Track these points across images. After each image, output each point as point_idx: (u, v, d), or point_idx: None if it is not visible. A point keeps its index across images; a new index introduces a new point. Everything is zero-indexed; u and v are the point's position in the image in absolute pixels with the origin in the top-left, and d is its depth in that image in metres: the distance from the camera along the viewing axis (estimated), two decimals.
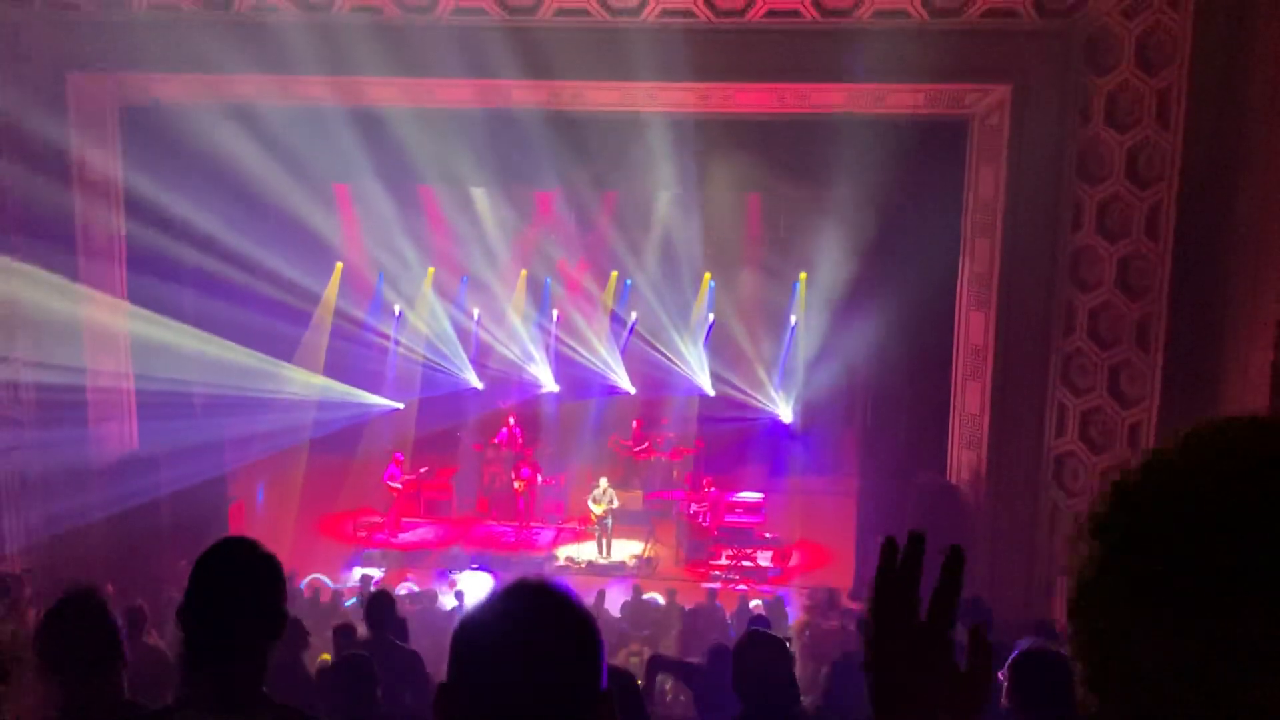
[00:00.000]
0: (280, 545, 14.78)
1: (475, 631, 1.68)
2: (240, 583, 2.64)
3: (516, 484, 17.96)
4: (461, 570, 15.88)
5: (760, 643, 4.61)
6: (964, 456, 13.10)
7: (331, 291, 18.94)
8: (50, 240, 12.72)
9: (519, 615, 1.67)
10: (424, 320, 20.07)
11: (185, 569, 2.76)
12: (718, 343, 19.98)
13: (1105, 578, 1.04)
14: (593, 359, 20.42)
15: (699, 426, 20.10)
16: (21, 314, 12.72)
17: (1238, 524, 0.95)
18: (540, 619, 1.66)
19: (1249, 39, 10.06)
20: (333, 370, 18.66)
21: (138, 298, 13.67)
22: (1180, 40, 10.48)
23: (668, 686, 9.33)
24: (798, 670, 5.49)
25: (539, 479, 18.13)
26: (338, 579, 14.92)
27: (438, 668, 6.63)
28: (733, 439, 19.70)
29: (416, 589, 14.25)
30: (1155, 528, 1.01)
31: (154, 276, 13.59)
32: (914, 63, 11.57)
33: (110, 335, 13.58)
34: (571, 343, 20.51)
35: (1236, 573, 0.94)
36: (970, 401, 13.00)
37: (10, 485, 12.74)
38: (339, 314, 19.07)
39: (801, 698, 4.77)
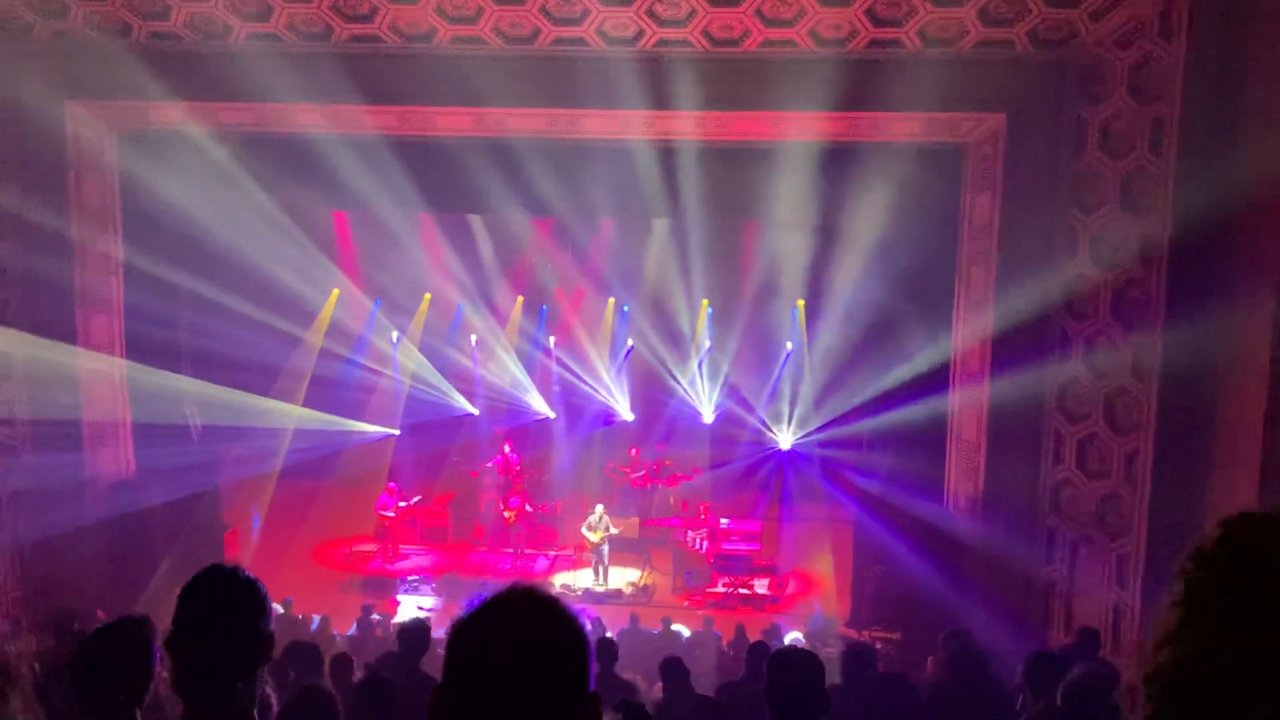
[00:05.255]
0: (275, 573, 14.80)
1: (468, 635, 1.74)
2: (225, 609, 2.67)
3: (506, 514, 17.93)
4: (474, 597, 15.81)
5: (796, 653, 4.72)
6: (961, 484, 13.09)
7: (326, 317, 18.96)
8: (48, 269, 12.78)
9: (510, 619, 1.74)
10: (419, 346, 20.10)
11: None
12: (715, 370, 20.00)
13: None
14: (589, 385, 20.43)
15: (696, 454, 20.08)
16: (16, 366, 12.79)
17: None
18: (530, 623, 1.73)
19: (1241, 68, 10.14)
20: (327, 397, 18.66)
21: (134, 327, 13.67)
22: (1173, 70, 10.55)
23: None
24: None
25: (528, 508, 18.09)
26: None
27: None
28: (730, 466, 19.70)
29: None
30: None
31: (151, 304, 13.59)
32: (910, 92, 11.65)
33: (105, 377, 13.59)
34: (568, 369, 20.53)
35: None
36: (967, 429, 13.01)
37: (3, 507, 12.75)
38: (334, 339, 19.09)
39: None
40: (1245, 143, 10.01)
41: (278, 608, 13.13)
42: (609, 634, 13.15)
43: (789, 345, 19.25)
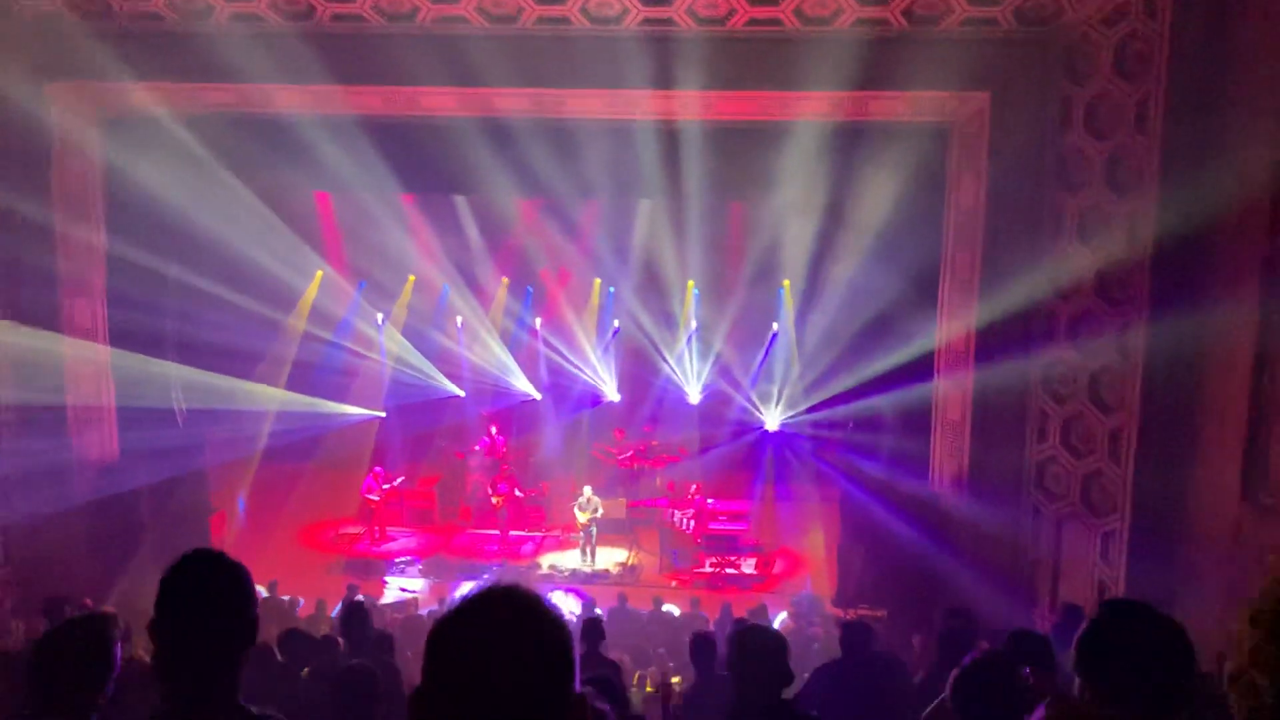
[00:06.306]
0: (260, 555, 14.78)
1: (448, 636, 1.70)
2: (209, 593, 2.65)
3: (494, 499, 17.93)
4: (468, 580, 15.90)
5: (759, 630, 4.81)
6: (946, 463, 13.13)
7: (309, 299, 18.88)
8: (30, 254, 12.69)
9: (491, 620, 1.69)
10: (404, 328, 20.04)
11: None
12: (705, 351, 20.01)
13: None
14: (576, 366, 20.42)
15: (684, 434, 20.11)
16: (0, 352, 12.72)
17: None
18: (512, 624, 1.69)
19: (1226, 46, 10.14)
20: (311, 380, 18.61)
21: (117, 312, 13.58)
22: (1158, 48, 10.55)
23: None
24: None
25: (517, 493, 18.10)
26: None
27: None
28: (717, 447, 19.73)
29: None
30: None
31: (134, 289, 13.49)
32: (895, 71, 11.62)
33: (89, 361, 13.51)
34: (554, 350, 20.51)
35: None
36: (952, 409, 13.04)
37: None
38: (318, 322, 19.02)
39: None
40: (1231, 122, 10.02)
41: (262, 590, 13.14)
42: (599, 611, 13.24)
43: (775, 326, 19.27)
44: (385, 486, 18.00)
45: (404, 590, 15.81)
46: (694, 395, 20.17)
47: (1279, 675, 1.13)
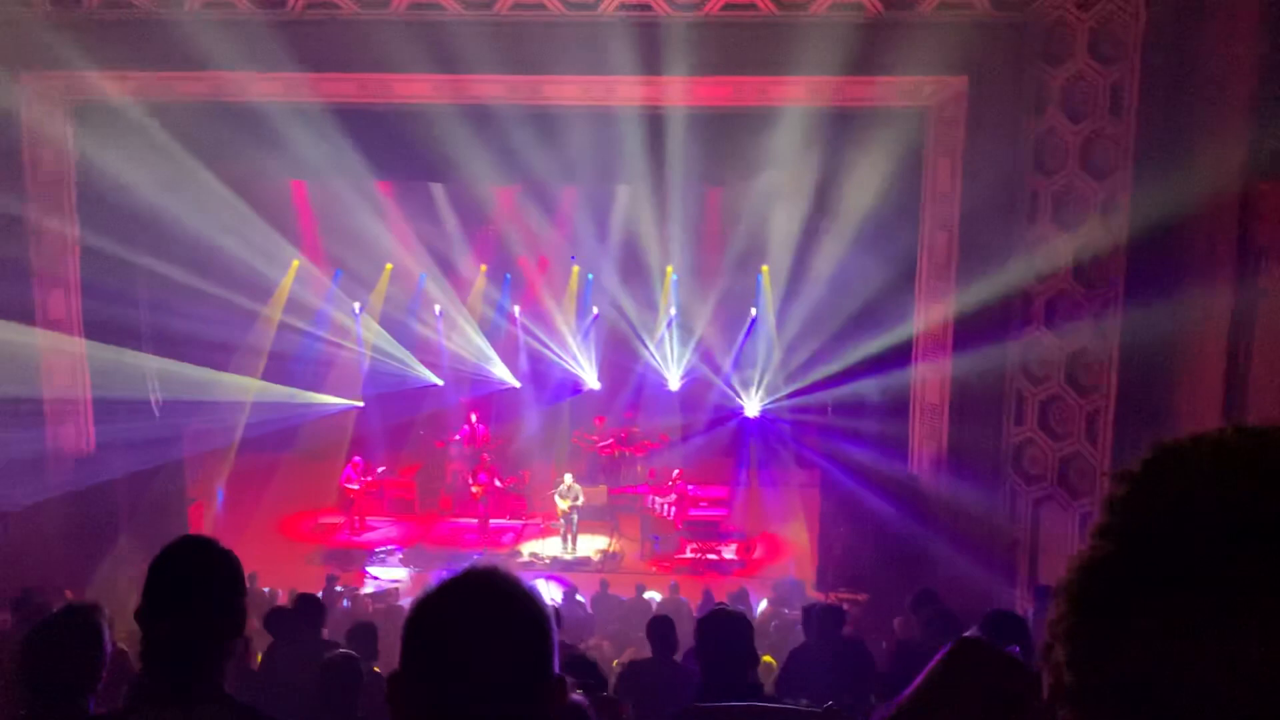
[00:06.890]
0: (239, 546, 14.68)
1: (426, 617, 1.67)
2: (198, 580, 2.62)
3: (474, 488, 17.90)
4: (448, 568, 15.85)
5: (724, 614, 4.86)
6: (925, 447, 13.17)
7: (285, 289, 18.74)
8: (2, 246, 12.56)
9: (469, 602, 1.67)
10: (381, 317, 19.95)
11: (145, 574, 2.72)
12: (685, 337, 20.00)
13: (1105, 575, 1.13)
14: (555, 354, 20.39)
15: (665, 421, 20.12)
16: None
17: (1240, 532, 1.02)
18: (490, 605, 1.66)
19: (1201, 30, 10.18)
20: (288, 370, 18.50)
21: (92, 305, 13.45)
22: (1132, 32, 10.58)
23: None
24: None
25: (496, 482, 18.06)
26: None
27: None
28: (698, 433, 19.75)
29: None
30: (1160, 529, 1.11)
31: (108, 280, 13.36)
32: (872, 56, 11.60)
33: (64, 353, 13.39)
34: (533, 338, 20.48)
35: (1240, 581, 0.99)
36: (930, 392, 13.07)
37: None
38: (294, 311, 18.88)
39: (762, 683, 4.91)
40: (1205, 106, 10.07)
41: None
42: (581, 598, 13.27)
43: (753, 311, 19.28)
44: (366, 477, 17.95)
45: (383, 580, 15.78)
46: (674, 382, 20.18)
47: (1076, 645, 1.12)
